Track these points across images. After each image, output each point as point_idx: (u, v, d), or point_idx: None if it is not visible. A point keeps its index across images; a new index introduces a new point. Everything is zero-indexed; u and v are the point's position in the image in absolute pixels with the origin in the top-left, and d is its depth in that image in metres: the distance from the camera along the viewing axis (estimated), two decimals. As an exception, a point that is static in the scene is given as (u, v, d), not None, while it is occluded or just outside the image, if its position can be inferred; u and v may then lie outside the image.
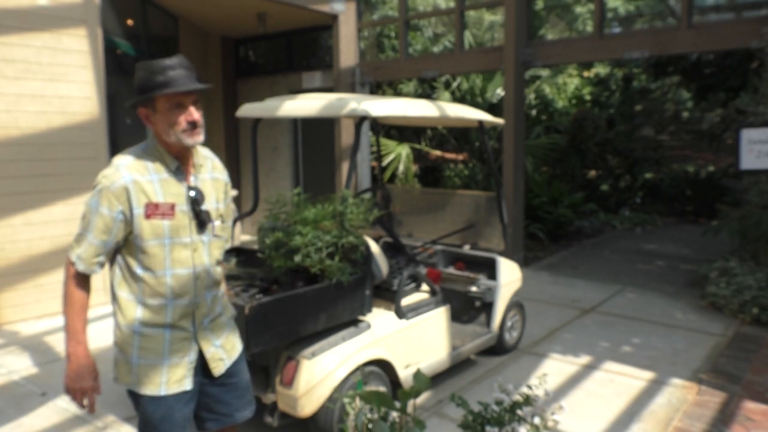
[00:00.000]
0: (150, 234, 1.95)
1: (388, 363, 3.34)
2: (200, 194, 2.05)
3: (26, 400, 3.75)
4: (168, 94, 1.92)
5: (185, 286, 2.03)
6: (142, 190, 1.94)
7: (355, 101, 3.30)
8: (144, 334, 2.01)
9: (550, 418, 2.25)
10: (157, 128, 1.99)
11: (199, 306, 2.09)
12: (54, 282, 5.48)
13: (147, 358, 2.02)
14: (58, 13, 5.40)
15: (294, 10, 7.94)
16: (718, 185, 11.06)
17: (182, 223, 2.01)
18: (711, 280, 5.69)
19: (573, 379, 4.09)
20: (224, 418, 2.24)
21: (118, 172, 1.93)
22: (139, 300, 2.01)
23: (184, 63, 1.98)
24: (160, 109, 1.95)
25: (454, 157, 11.98)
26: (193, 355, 2.09)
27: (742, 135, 5.26)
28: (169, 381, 2.03)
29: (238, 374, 2.25)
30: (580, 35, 12.35)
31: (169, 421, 2.05)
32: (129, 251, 2.00)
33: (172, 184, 2.00)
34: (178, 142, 1.98)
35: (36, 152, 5.32)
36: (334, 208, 3.08)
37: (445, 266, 4.64)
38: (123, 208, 1.92)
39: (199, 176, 2.10)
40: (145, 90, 1.94)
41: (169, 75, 1.92)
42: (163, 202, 1.96)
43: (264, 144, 9.51)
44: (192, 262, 2.04)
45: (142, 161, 1.98)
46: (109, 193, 1.91)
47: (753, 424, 3.34)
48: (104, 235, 1.94)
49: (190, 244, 2.04)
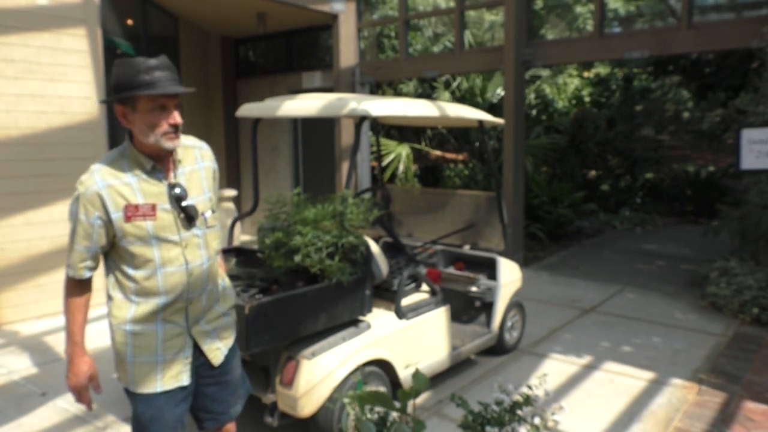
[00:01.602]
0: (133, 236, 1.94)
1: (388, 363, 3.34)
2: (183, 190, 2.01)
3: (26, 400, 3.75)
4: (154, 94, 1.88)
5: (177, 284, 2.02)
6: (118, 193, 1.92)
7: (355, 101, 3.30)
8: (137, 332, 2.02)
9: (550, 418, 2.25)
10: (134, 128, 1.94)
11: (193, 302, 2.08)
12: (54, 282, 5.48)
13: (141, 356, 2.02)
14: (57, 13, 5.40)
15: (294, 10, 7.94)
16: (718, 185, 11.05)
17: (166, 223, 1.98)
18: (711, 280, 5.69)
19: (573, 379, 4.09)
20: (221, 416, 2.26)
21: (92, 178, 1.92)
22: (131, 299, 2.01)
23: (168, 64, 1.95)
24: (141, 110, 1.90)
25: (454, 157, 11.98)
26: (188, 350, 2.09)
27: (742, 135, 5.26)
28: (164, 377, 2.04)
29: (232, 371, 2.26)
30: (580, 35, 12.35)
31: (159, 422, 2.05)
32: (118, 253, 2.00)
33: (152, 185, 1.97)
34: (156, 144, 1.93)
35: (36, 152, 5.32)
36: (334, 208, 3.08)
37: (445, 266, 4.64)
38: (99, 214, 1.91)
39: (181, 171, 2.06)
40: (126, 88, 1.87)
41: (155, 75, 1.88)
42: (143, 203, 1.94)
43: (264, 144, 9.51)
44: (183, 259, 2.02)
45: (118, 164, 1.96)
46: (85, 200, 1.91)
47: (753, 424, 3.34)
48: (85, 240, 1.94)
49: (180, 242, 2.01)
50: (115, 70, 1.92)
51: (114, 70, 1.92)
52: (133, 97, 1.88)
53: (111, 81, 1.93)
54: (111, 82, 1.93)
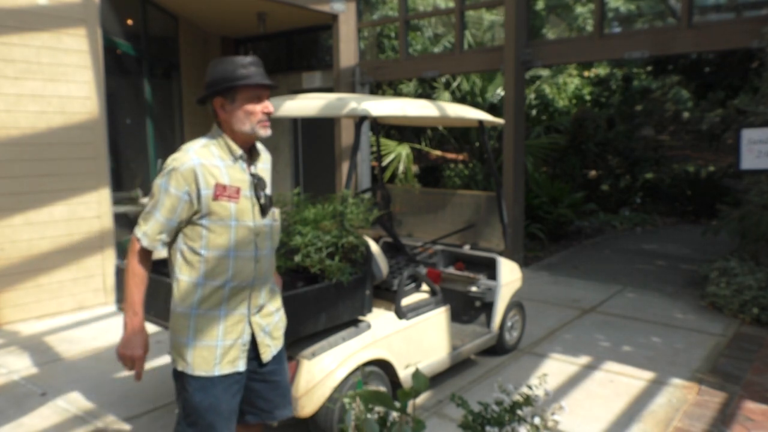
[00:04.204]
0: (217, 215, 2.06)
1: (389, 363, 3.34)
2: (262, 181, 2.19)
3: (26, 400, 3.75)
4: (253, 84, 2.08)
5: (245, 269, 2.12)
6: (210, 172, 2.05)
7: (355, 101, 3.30)
8: (200, 315, 2.09)
9: (550, 418, 2.25)
10: (231, 118, 2.11)
11: (255, 289, 2.18)
12: (54, 282, 5.49)
13: (202, 340, 2.09)
14: (57, 12, 5.41)
15: (294, 10, 7.94)
16: (718, 185, 11.05)
17: (246, 207, 2.12)
18: (711, 280, 5.69)
19: (573, 379, 4.09)
20: (264, 413, 2.31)
21: (187, 155, 2.05)
22: (199, 282, 2.08)
23: (259, 62, 2.16)
24: (240, 100, 2.09)
25: (454, 157, 11.98)
26: (246, 337, 2.16)
27: (742, 135, 5.26)
28: (222, 362, 2.10)
29: (281, 373, 2.32)
30: (580, 35, 12.34)
31: (215, 411, 2.11)
32: (193, 233, 2.08)
33: (237, 171, 2.12)
34: (251, 132, 2.12)
35: (36, 152, 5.32)
36: (334, 208, 3.08)
37: (445, 266, 4.64)
38: (189, 189, 2.02)
39: (258, 165, 2.24)
40: (228, 80, 2.07)
41: (252, 70, 2.09)
42: (230, 185, 2.08)
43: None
44: (254, 245, 2.15)
45: (209, 148, 2.11)
46: (178, 174, 2.02)
47: (753, 425, 3.34)
48: (169, 213, 2.04)
49: (254, 228, 2.15)
50: (214, 68, 2.12)
51: (212, 69, 2.12)
52: (233, 88, 2.07)
53: (209, 77, 2.12)
54: (209, 78, 2.12)
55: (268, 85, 2.13)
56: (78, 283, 5.63)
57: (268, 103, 2.15)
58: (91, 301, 5.70)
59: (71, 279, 5.59)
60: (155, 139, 8.16)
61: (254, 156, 2.24)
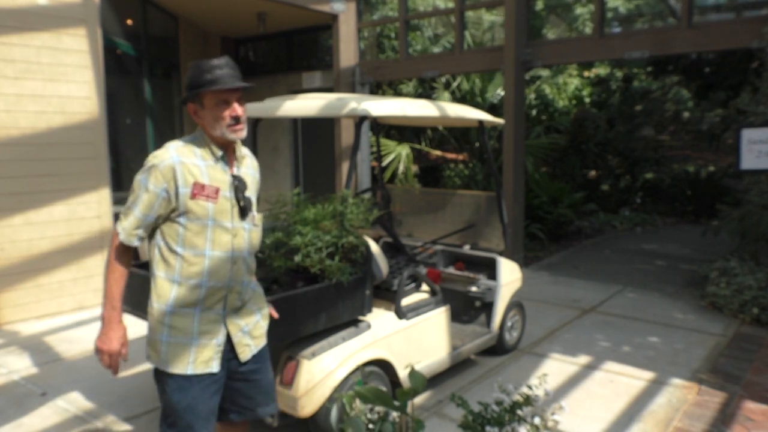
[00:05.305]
0: (194, 213, 2.07)
1: (389, 363, 3.34)
2: (243, 183, 2.18)
3: (26, 400, 3.75)
4: (214, 90, 2.07)
5: (221, 269, 2.12)
6: (189, 171, 2.06)
7: (355, 101, 3.30)
8: (175, 313, 2.10)
9: (550, 418, 2.25)
10: (204, 123, 2.14)
11: (232, 290, 2.18)
12: (54, 282, 5.49)
13: (176, 337, 2.10)
14: (57, 12, 5.40)
15: (294, 10, 7.94)
16: (718, 185, 11.04)
17: (224, 208, 2.13)
18: (711, 280, 5.69)
19: (573, 379, 4.09)
20: (246, 411, 2.33)
21: (167, 152, 2.08)
22: (174, 280, 2.09)
23: (230, 63, 2.13)
24: (207, 105, 2.10)
25: (454, 157, 11.97)
26: (221, 338, 2.16)
27: (742, 135, 5.26)
28: (196, 361, 2.11)
29: (263, 372, 2.33)
30: (580, 35, 12.34)
31: (193, 412, 2.12)
32: (170, 230, 2.10)
33: (218, 171, 2.13)
34: (222, 137, 2.12)
35: (36, 152, 5.32)
36: (334, 208, 3.08)
37: (445, 266, 4.63)
38: (167, 186, 2.04)
39: (241, 168, 2.24)
40: (194, 87, 2.09)
41: (216, 74, 2.07)
42: (208, 184, 2.09)
43: (264, 144, 9.51)
44: (231, 246, 2.15)
45: (191, 147, 2.13)
46: (157, 171, 2.04)
47: (753, 424, 3.34)
48: (147, 209, 2.06)
49: (231, 229, 2.15)
50: (188, 73, 2.15)
51: (188, 73, 2.15)
52: (199, 94, 2.10)
53: (185, 82, 2.15)
54: (185, 83, 2.15)
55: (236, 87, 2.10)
56: (78, 283, 5.63)
57: (236, 106, 2.12)
58: (91, 301, 5.69)
59: (71, 279, 5.59)
60: (155, 139, 8.17)
61: (239, 158, 2.24)
